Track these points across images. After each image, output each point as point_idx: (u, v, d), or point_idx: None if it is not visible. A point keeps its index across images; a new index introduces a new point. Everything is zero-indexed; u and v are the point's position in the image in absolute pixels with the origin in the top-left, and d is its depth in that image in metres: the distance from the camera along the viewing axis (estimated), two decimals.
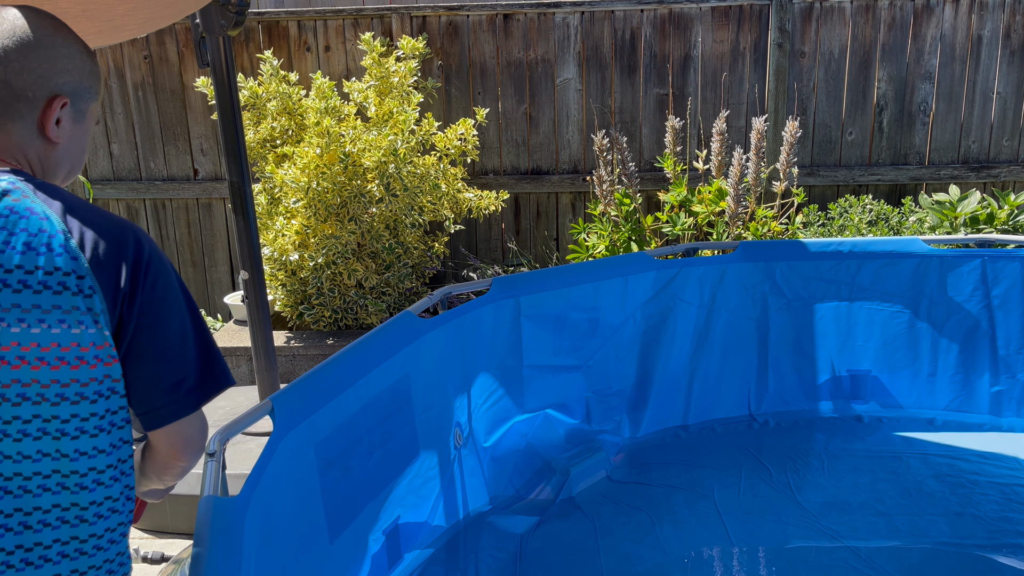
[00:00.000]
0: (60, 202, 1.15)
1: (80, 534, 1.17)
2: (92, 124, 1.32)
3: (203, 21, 2.90)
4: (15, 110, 1.18)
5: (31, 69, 1.18)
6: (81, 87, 1.25)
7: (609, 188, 4.29)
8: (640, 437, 3.40)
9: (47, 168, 1.25)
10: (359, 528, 2.27)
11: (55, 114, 1.20)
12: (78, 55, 1.23)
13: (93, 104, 1.29)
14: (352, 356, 2.27)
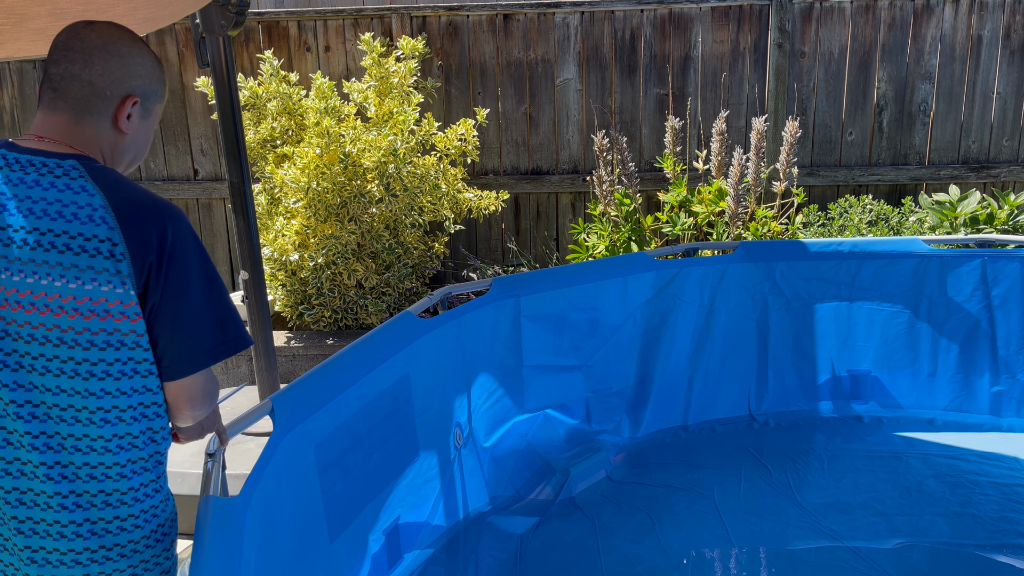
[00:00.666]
0: (109, 181, 1.37)
1: (105, 461, 1.36)
2: (156, 122, 1.54)
3: (203, 21, 2.90)
4: (95, 106, 1.42)
5: (111, 72, 1.43)
6: (150, 90, 1.49)
7: (609, 188, 4.29)
8: (640, 437, 3.40)
9: (115, 156, 1.48)
10: (359, 528, 2.27)
11: (127, 110, 1.44)
12: (149, 64, 1.48)
13: (158, 105, 1.53)
14: (352, 356, 2.27)
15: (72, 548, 1.36)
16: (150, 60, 1.48)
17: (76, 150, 1.41)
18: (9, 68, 5.07)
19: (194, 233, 1.41)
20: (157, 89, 1.50)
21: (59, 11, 2.14)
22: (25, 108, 5.12)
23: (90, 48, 1.42)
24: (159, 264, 1.35)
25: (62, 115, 1.41)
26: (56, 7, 2.10)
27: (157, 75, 1.50)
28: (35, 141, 1.40)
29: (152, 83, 1.48)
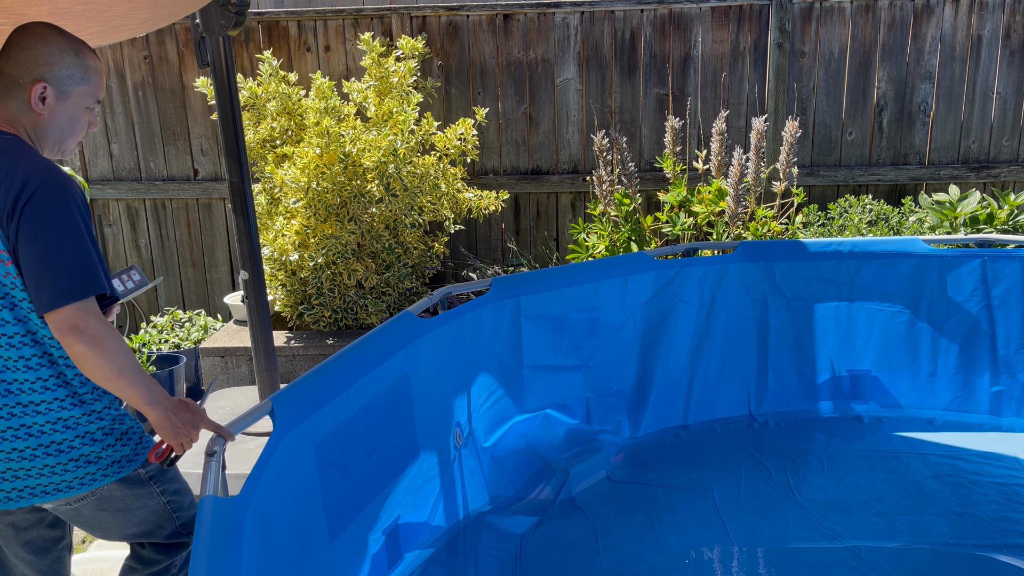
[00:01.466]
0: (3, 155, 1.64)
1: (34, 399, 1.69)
2: (84, 102, 1.78)
3: (203, 21, 2.90)
4: (11, 92, 1.71)
5: (21, 63, 1.71)
6: (63, 74, 1.73)
7: (609, 188, 4.29)
8: (640, 437, 3.40)
9: (40, 134, 1.75)
10: (359, 528, 2.27)
11: (37, 94, 1.70)
12: (58, 52, 1.72)
13: (79, 87, 1.76)
14: (352, 356, 2.27)
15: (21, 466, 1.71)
16: (59, 49, 1.73)
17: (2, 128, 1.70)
18: None
19: (61, 191, 1.62)
20: (72, 74, 1.74)
21: (59, 11, 2.14)
22: None
23: (9, 45, 1.72)
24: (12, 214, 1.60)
25: None
26: (56, 7, 2.10)
27: (70, 61, 1.73)
28: None
29: (63, 70, 1.73)
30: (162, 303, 5.34)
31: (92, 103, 1.80)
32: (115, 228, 5.24)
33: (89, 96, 1.78)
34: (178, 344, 4.63)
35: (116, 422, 1.80)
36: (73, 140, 1.80)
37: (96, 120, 1.85)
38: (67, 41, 1.75)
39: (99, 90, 1.80)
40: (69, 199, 1.63)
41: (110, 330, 1.63)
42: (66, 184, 1.64)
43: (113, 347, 1.61)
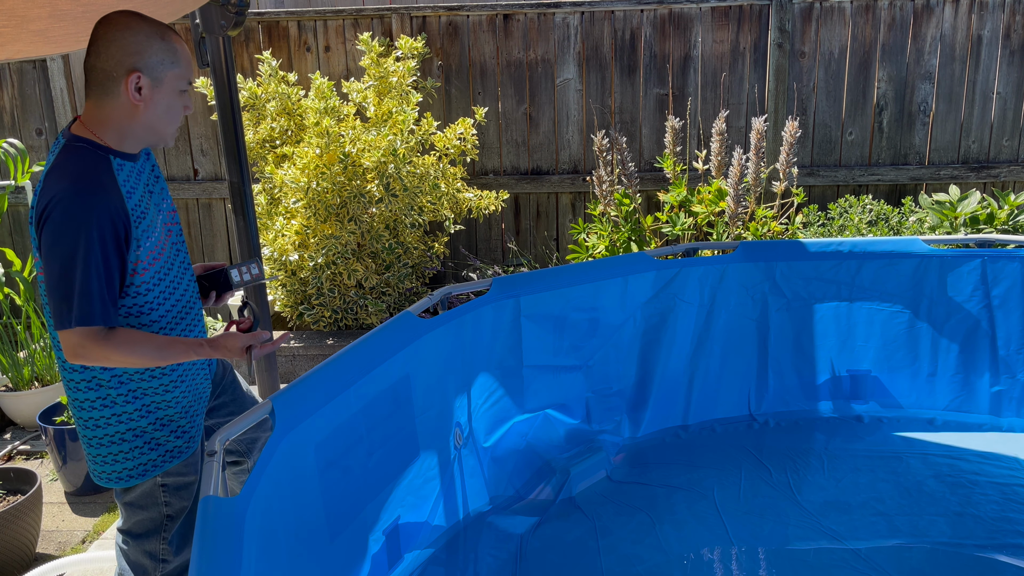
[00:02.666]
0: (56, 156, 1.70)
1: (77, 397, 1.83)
2: (175, 87, 1.76)
3: (203, 21, 2.90)
4: (104, 87, 1.70)
5: (112, 55, 1.68)
6: (153, 60, 1.71)
7: (609, 188, 4.29)
8: (640, 437, 3.40)
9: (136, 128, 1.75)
10: (359, 528, 2.27)
11: (133, 85, 1.69)
12: (144, 38, 1.70)
13: (171, 72, 1.74)
14: (352, 356, 2.27)
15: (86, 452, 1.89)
16: (146, 36, 1.70)
17: (86, 129, 1.72)
18: (9, 68, 5.07)
19: (77, 217, 1.61)
20: (163, 59, 1.72)
21: (59, 12, 2.14)
22: (25, 108, 5.12)
23: (95, 39, 1.69)
24: (37, 236, 1.67)
25: (89, 100, 1.71)
26: (56, 9, 2.10)
27: (158, 47, 1.71)
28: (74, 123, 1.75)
29: (153, 58, 1.70)
30: None
31: (184, 85, 1.79)
32: None
33: (181, 79, 1.77)
34: None
35: (151, 426, 1.88)
36: (173, 126, 1.80)
37: (190, 103, 1.84)
38: (152, 27, 1.73)
39: (188, 71, 1.79)
40: (84, 226, 1.62)
41: (111, 346, 1.67)
42: (86, 210, 1.62)
43: (123, 355, 1.69)
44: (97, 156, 1.70)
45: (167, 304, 1.86)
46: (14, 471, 3.15)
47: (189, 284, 1.95)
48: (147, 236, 1.77)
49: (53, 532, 3.31)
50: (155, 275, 1.81)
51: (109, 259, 1.66)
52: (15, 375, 4.11)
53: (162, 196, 1.92)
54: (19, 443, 4.10)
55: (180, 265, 1.92)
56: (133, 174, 1.78)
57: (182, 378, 1.92)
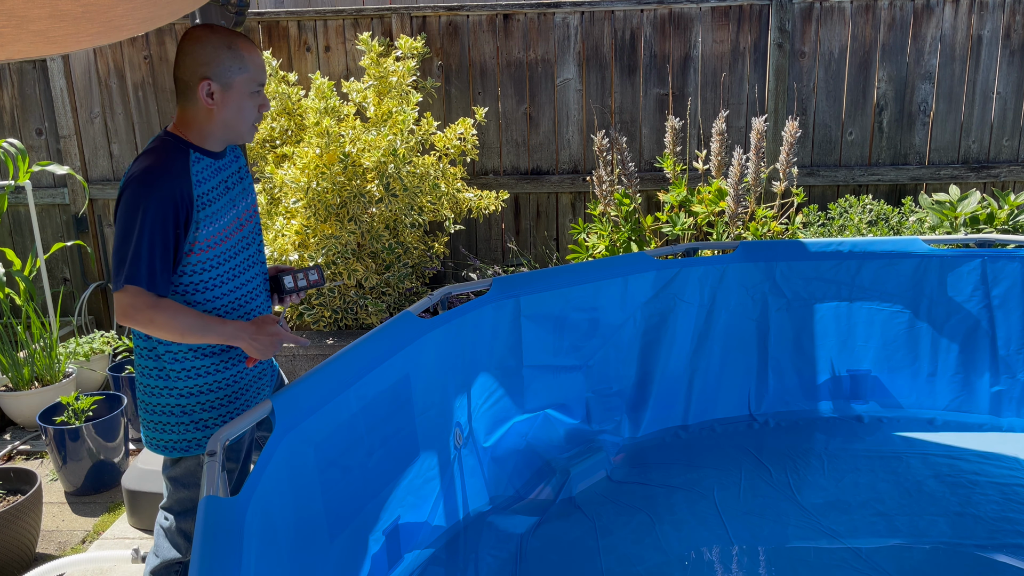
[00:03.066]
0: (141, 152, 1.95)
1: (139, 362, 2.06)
2: (246, 90, 1.96)
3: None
4: (185, 95, 1.95)
5: (187, 66, 1.93)
6: (220, 68, 1.92)
7: (609, 188, 4.29)
8: (640, 437, 3.40)
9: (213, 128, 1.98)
10: (359, 528, 2.27)
11: (204, 91, 1.92)
12: (211, 49, 1.91)
13: (239, 77, 1.94)
14: (352, 356, 2.27)
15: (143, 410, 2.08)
16: (214, 47, 1.92)
17: (176, 129, 1.99)
18: (9, 68, 5.07)
19: (134, 184, 1.85)
20: (227, 67, 1.92)
21: (59, 12, 2.14)
22: (25, 108, 5.12)
23: (178, 54, 1.96)
24: (115, 207, 1.90)
25: (177, 105, 1.99)
26: (56, 9, 2.10)
27: (226, 56, 1.92)
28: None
29: (221, 65, 1.92)
30: None
31: (255, 87, 1.98)
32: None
33: (250, 82, 1.96)
34: None
35: (200, 407, 2.03)
36: (247, 124, 2.00)
37: (267, 102, 2.03)
38: (220, 37, 1.93)
39: (258, 75, 1.97)
40: (142, 205, 1.85)
41: (157, 312, 1.87)
42: (150, 190, 1.86)
43: (164, 324, 1.88)
44: (178, 149, 1.95)
45: (224, 288, 2.02)
46: (14, 471, 3.15)
47: (254, 278, 2.13)
48: (210, 222, 1.96)
49: (53, 532, 3.31)
50: (213, 259, 1.99)
51: (164, 234, 1.87)
52: (15, 375, 4.11)
53: (243, 195, 2.12)
54: (19, 443, 4.10)
55: (247, 260, 2.10)
56: (210, 168, 2.00)
57: (234, 362, 2.07)
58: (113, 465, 3.63)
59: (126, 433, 3.71)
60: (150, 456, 3.30)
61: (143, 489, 3.17)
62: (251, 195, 2.17)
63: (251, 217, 2.15)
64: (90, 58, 5.00)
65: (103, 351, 4.64)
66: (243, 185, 2.13)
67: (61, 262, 5.33)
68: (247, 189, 2.14)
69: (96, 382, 4.65)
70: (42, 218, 5.25)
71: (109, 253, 5.27)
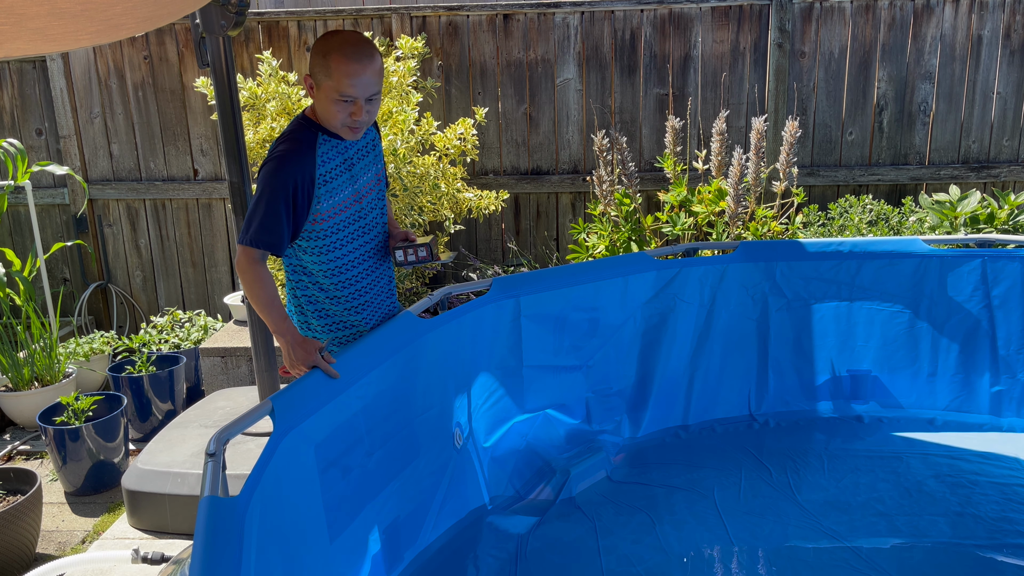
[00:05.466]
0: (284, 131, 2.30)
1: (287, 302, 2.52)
2: (331, 94, 2.20)
3: (203, 21, 2.90)
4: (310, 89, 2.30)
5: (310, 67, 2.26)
6: (314, 71, 2.22)
7: (609, 188, 4.29)
8: (640, 437, 3.40)
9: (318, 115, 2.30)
10: (359, 528, 2.27)
11: (306, 87, 2.27)
12: (317, 56, 2.21)
13: (326, 81, 2.20)
14: (352, 356, 2.27)
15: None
16: (319, 53, 2.20)
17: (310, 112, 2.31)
18: (9, 68, 5.07)
19: (270, 162, 2.20)
20: (318, 71, 2.20)
21: (58, 10, 2.13)
22: (25, 108, 5.12)
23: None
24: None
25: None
26: (55, 7, 2.09)
27: (319, 62, 2.20)
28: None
29: (316, 68, 2.21)
30: (162, 303, 5.34)
31: (336, 96, 2.19)
32: (115, 228, 5.24)
33: (332, 90, 2.19)
34: (178, 344, 4.62)
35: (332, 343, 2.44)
36: (335, 123, 2.24)
37: (359, 111, 2.23)
38: (321, 47, 2.21)
39: (340, 87, 2.17)
40: (273, 176, 2.19)
41: (258, 276, 2.21)
42: (274, 171, 2.19)
43: (256, 289, 2.22)
44: (309, 132, 2.26)
45: (337, 252, 2.36)
46: (14, 471, 3.15)
47: (368, 242, 2.45)
48: (328, 197, 2.28)
49: (53, 532, 3.31)
50: (334, 226, 2.32)
51: (281, 204, 2.18)
52: (15, 375, 4.11)
53: (365, 169, 2.41)
54: (19, 443, 4.10)
55: (363, 227, 2.42)
56: (335, 149, 2.30)
57: (365, 306, 2.46)
58: (113, 465, 3.63)
59: (126, 433, 3.71)
60: (150, 456, 3.30)
61: (143, 489, 3.17)
62: (375, 166, 2.46)
63: (371, 189, 2.45)
64: (90, 58, 5.00)
65: (103, 351, 4.64)
66: (368, 159, 2.43)
67: (61, 262, 5.32)
68: (372, 161, 2.45)
69: (96, 382, 4.65)
70: (42, 218, 5.25)
71: (108, 254, 5.28)
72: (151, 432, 4.13)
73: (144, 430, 4.17)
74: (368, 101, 2.25)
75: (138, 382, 4.09)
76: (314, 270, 2.37)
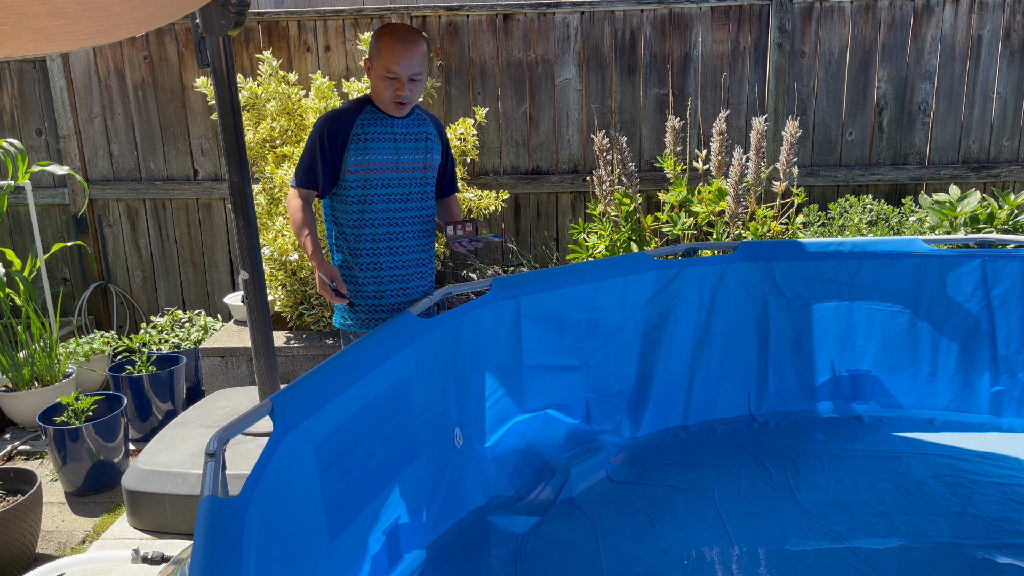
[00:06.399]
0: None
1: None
2: (377, 76, 2.61)
3: (203, 21, 2.90)
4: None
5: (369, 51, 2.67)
6: (370, 55, 2.63)
7: (609, 188, 4.29)
8: (640, 437, 3.40)
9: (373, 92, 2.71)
10: (359, 528, 2.27)
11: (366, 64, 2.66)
12: (372, 41, 2.62)
13: (377, 61, 2.59)
14: (352, 356, 2.27)
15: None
16: (374, 38, 2.59)
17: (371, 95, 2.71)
18: (9, 68, 5.07)
19: (315, 127, 2.64)
20: (372, 53, 2.60)
21: (58, 10, 2.13)
22: (25, 108, 5.12)
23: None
24: None
25: None
26: (55, 6, 2.09)
27: (373, 45, 2.59)
28: None
29: (371, 50, 2.61)
30: (162, 303, 5.34)
31: (384, 72, 2.56)
32: (115, 228, 5.24)
33: (381, 68, 2.57)
34: (178, 344, 4.62)
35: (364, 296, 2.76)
36: (383, 98, 2.62)
37: (402, 87, 2.56)
38: (376, 33, 2.59)
39: (387, 64, 2.54)
40: (314, 130, 2.63)
41: (296, 209, 2.65)
42: (318, 126, 2.62)
43: (294, 220, 2.65)
44: (360, 104, 2.68)
45: (371, 206, 2.67)
46: (14, 471, 3.15)
47: (406, 211, 2.74)
48: (361, 153, 2.62)
49: (53, 532, 3.31)
50: (359, 182, 2.65)
51: (319, 153, 2.61)
52: (15, 375, 4.11)
53: (413, 151, 2.72)
54: (19, 443, 4.10)
55: (402, 195, 2.72)
56: (379, 122, 2.66)
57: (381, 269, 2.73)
58: (113, 465, 3.63)
59: (126, 433, 3.71)
60: (150, 456, 3.30)
61: (143, 489, 3.17)
62: (423, 154, 2.74)
63: (415, 169, 2.73)
64: (90, 58, 5.00)
65: (103, 351, 4.64)
66: (417, 146, 2.73)
67: (61, 262, 5.32)
68: (420, 149, 2.73)
69: (96, 382, 4.65)
70: (42, 218, 5.25)
71: (108, 254, 5.28)
72: (151, 432, 4.13)
73: (144, 430, 4.17)
74: (411, 80, 2.57)
75: (138, 382, 4.09)
76: (341, 219, 2.70)
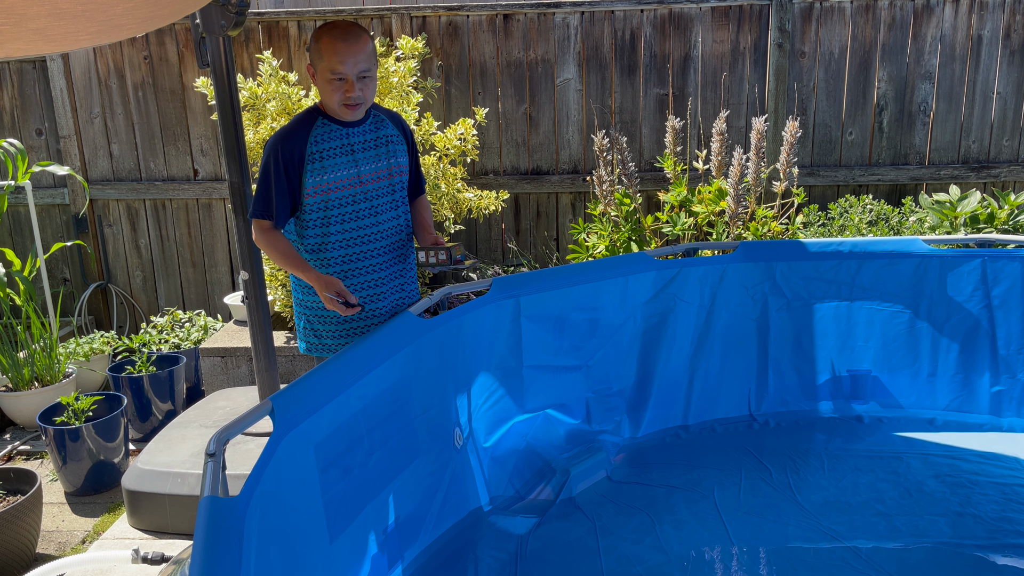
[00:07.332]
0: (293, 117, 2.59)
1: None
2: (321, 80, 2.42)
3: (203, 21, 2.90)
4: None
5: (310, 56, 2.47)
6: (312, 58, 2.44)
7: (609, 188, 4.29)
8: (640, 437, 3.40)
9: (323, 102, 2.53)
10: (359, 528, 2.27)
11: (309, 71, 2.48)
12: (312, 44, 2.42)
13: (319, 64, 2.40)
14: (352, 356, 2.27)
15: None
16: (313, 40, 2.41)
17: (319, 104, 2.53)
18: (9, 68, 5.07)
19: (266, 149, 2.43)
20: (314, 56, 2.41)
21: (58, 11, 2.13)
22: (25, 108, 5.12)
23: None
24: None
25: None
26: (55, 7, 2.09)
27: (314, 48, 2.40)
28: None
29: (312, 54, 2.42)
30: (162, 303, 5.34)
31: (329, 75, 2.38)
32: (115, 228, 5.24)
33: (325, 70, 2.38)
34: (178, 344, 4.62)
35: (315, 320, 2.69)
36: (331, 101, 2.42)
37: (351, 87, 2.38)
38: (315, 35, 2.41)
39: (332, 65, 2.35)
40: (264, 160, 2.43)
41: (268, 241, 2.46)
42: (268, 150, 2.42)
43: (269, 252, 2.46)
44: (309, 116, 2.48)
45: (337, 227, 2.52)
46: (14, 471, 3.15)
47: (373, 225, 2.58)
48: (320, 173, 2.45)
49: (53, 532, 3.31)
50: (318, 204, 2.48)
51: (271, 181, 2.41)
52: (15, 375, 4.11)
53: (372, 159, 2.55)
54: (19, 443, 4.10)
55: (367, 209, 2.55)
56: (333, 132, 2.48)
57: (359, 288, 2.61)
58: (113, 465, 3.63)
59: (126, 433, 3.71)
60: (150, 456, 3.30)
61: (143, 489, 3.17)
62: (386, 160, 2.58)
63: (379, 178, 2.57)
64: (90, 58, 5.00)
65: (103, 351, 4.64)
66: (379, 152, 2.56)
67: (61, 262, 5.32)
68: (382, 155, 2.57)
69: (96, 382, 4.65)
70: (42, 218, 5.25)
71: (108, 254, 5.28)
72: (151, 432, 4.13)
73: (144, 430, 4.17)
74: (360, 79, 2.39)
75: (138, 382, 4.09)
76: (307, 244, 2.55)
